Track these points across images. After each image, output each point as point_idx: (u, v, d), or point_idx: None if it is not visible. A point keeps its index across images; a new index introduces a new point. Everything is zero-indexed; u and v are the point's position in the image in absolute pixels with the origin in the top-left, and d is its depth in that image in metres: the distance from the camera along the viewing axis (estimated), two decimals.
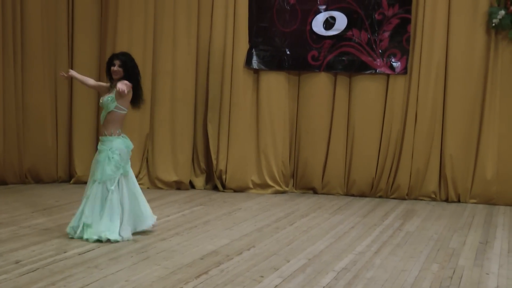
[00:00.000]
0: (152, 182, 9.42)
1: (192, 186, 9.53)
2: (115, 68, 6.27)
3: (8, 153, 9.06)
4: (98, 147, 6.36)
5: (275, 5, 9.25)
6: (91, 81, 6.68)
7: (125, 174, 6.32)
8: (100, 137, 6.40)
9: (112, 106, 6.25)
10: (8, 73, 8.98)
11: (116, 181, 6.24)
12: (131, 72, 6.31)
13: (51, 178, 9.49)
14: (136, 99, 6.43)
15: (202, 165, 9.61)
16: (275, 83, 9.33)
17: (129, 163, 6.43)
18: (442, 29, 8.84)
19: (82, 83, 6.68)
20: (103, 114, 6.36)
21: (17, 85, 9.09)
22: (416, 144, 8.99)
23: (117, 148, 6.26)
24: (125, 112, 6.34)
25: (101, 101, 6.38)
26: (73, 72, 6.66)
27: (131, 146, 6.46)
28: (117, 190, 6.24)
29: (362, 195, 9.25)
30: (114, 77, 6.30)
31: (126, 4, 9.28)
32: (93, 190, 6.24)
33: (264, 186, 9.38)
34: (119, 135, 6.33)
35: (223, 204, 8.43)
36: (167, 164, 9.42)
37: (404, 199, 9.06)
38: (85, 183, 9.34)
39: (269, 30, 9.29)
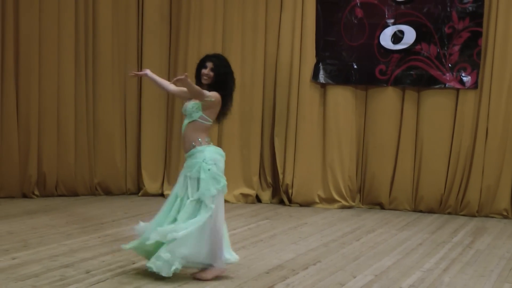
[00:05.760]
0: None
1: (258, 200, 9.56)
2: (206, 71, 5.41)
3: (79, 166, 9.29)
4: (186, 164, 5.48)
5: (342, 19, 9.22)
6: (171, 86, 5.68)
7: (223, 190, 5.40)
8: (186, 154, 5.50)
9: (196, 115, 5.41)
10: (79, 89, 9.23)
11: (214, 198, 5.30)
12: (222, 78, 5.45)
13: (120, 190, 9.67)
14: (223, 112, 5.57)
15: (269, 179, 9.62)
16: (342, 98, 9.30)
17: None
18: None
19: (160, 87, 5.79)
20: (185, 123, 5.49)
21: (88, 101, 9.33)
22: (487, 160, 8.80)
23: (211, 158, 5.37)
24: (210, 123, 5.48)
25: (184, 107, 5.55)
26: (148, 72, 5.70)
27: (224, 155, 5.55)
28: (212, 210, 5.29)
29: (431, 211, 9.10)
30: (204, 81, 5.44)
31: (196, 21, 9.41)
32: (187, 209, 5.31)
33: (330, 200, 9.34)
34: (209, 143, 5.47)
35: (289, 218, 8.43)
36: (234, 178, 9.47)
37: (474, 216, 8.87)
38: (153, 195, 9.63)
39: (336, 44, 9.27)
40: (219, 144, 9.49)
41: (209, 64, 5.43)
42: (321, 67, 9.28)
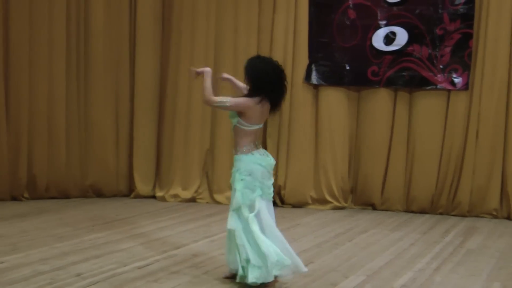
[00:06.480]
0: (212, 197, 9.48)
1: None
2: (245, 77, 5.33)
3: (70, 168, 9.23)
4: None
5: (335, 21, 9.22)
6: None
7: (267, 197, 5.34)
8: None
9: (234, 120, 5.25)
10: (71, 90, 9.16)
11: (256, 206, 5.24)
12: (253, 81, 5.24)
13: (112, 192, 9.61)
14: (273, 110, 5.32)
15: None
16: (335, 99, 9.29)
17: (271, 182, 5.36)
18: (506, 44, 8.65)
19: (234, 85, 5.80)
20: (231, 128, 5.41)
21: (80, 102, 9.28)
22: (478, 160, 8.82)
23: (246, 168, 5.20)
24: (250, 128, 5.22)
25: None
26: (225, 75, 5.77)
27: (270, 162, 5.33)
28: (257, 217, 5.26)
29: (422, 211, 9.11)
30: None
31: (189, 22, 9.39)
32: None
33: (323, 201, 9.34)
34: (247, 152, 5.22)
35: (281, 219, 8.40)
36: (227, 179, 9.40)
37: (465, 216, 8.89)
38: (145, 197, 9.61)
39: (329, 45, 9.26)
40: (212, 145, 9.49)
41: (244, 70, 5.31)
42: (313, 68, 9.28)
